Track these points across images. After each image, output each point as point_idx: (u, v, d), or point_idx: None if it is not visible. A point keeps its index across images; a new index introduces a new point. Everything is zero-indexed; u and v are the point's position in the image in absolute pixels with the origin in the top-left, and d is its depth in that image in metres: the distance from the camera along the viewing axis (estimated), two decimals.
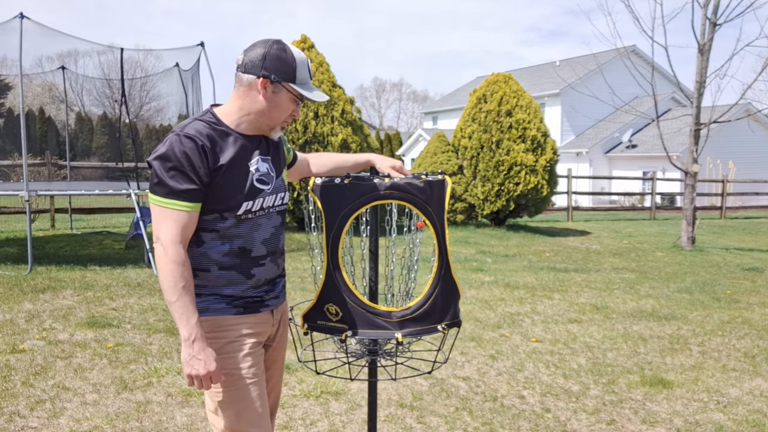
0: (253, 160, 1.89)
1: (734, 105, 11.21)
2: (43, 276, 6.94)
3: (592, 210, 19.76)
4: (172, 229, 1.76)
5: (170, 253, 1.75)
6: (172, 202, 1.76)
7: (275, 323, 2.01)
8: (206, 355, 1.77)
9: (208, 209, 1.81)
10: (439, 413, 3.55)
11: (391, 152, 33.60)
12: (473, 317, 5.67)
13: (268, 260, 1.93)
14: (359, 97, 66.96)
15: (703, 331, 5.41)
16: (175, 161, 1.74)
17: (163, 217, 1.76)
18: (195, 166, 1.75)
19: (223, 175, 1.80)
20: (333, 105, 11.13)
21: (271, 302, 1.97)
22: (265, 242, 1.91)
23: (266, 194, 1.90)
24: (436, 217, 2.02)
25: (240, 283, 1.88)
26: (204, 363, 1.76)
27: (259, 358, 1.92)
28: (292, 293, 6.41)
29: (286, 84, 1.83)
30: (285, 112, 1.88)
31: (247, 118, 1.87)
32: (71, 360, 4.24)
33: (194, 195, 1.77)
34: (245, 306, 1.90)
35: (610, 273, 8.29)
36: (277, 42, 1.85)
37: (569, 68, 27.54)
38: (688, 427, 3.45)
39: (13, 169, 15.76)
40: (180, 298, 1.75)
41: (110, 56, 31.52)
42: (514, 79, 13.01)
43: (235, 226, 1.85)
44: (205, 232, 1.83)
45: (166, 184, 1.75)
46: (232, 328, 1.87)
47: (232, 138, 1.86)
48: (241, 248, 1.86)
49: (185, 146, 1.75)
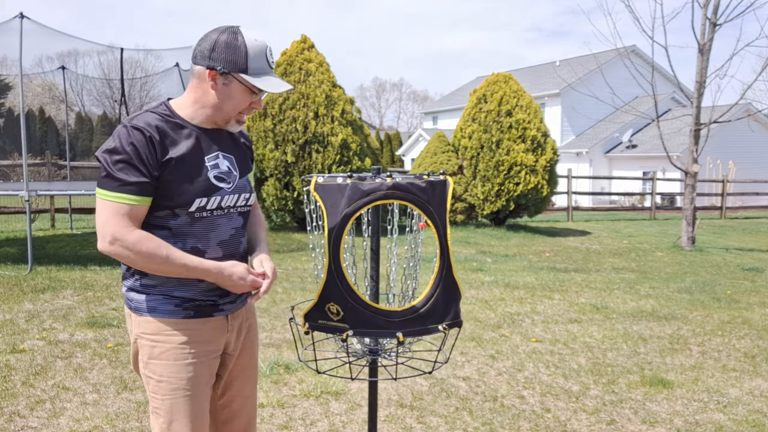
0: (211, 155, 1.80)
1: (734, 105, 11.21)
2: (43, 276, 6.94)
3: (592, 210, 19.76)
4: (121, 222, 1.67)
5: (129, 240, 1.66)
6: (120, 196, 1.67)
7: (230, 329, 1.89)
8: (238, 274, 1.76)
9: (159, 205, 1.72)
10: (439, 413, 3.55)
11: (391, 152, 33.60)
12: (473, 317, 5.67)
13: None
14: (359, 97, 67.00)
15: (703, 331, 5.41)
16: (123, 153, 1.66)
17: (111, 211, 1.67)
18: (143, 159, 1.67)
19: (173, 169, 1.71)
20: (333, 105, 11.12)
21: (226, 307, 1.86)
22: (222, 244, 1.81)
23: (225, 193, 1.80)
24: (437, 217, 2.02)
25: (191, 285, 1.77)
26: (241, 281, 1.77)
27: (204, 369, 1.81)
28: (292, 293, 6.42)
29: (236, 75, 1.72)
30: (240, 105, 1.77)
31: (201, 111, 1.78)
32: (71, 360, 4.24)
33: (143, 188, 1.68)
34: (196, 309, 1.79)
35: (610, 273, 8.29)
36: (229, 29, 1.74)
37: (569, 68, 27.54)
38: (688, 427, 3.45)
39: (13, 169, 15.77)
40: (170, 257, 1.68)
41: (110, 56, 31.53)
42: (514, 79, 13.01)
43: (188, 225, 1.75)
44: (157, 229, 1.74)
45: (115, 177, 1.66)
46: (179, 333, 1.77)
47: (187, 131, 1.77)
48: (193, 248, 1.76)
49: (133, 138, 1.67)
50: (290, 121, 10.91)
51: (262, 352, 4.49)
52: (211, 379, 1.86)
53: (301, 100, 10.99)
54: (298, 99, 11.00)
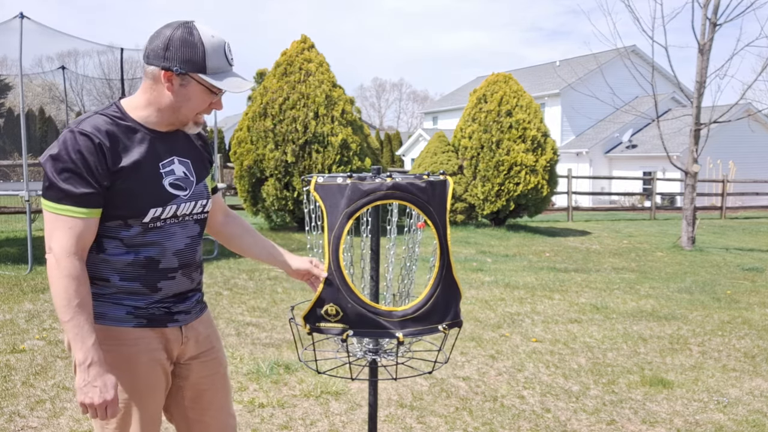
0: (166, 161, 1.68)
1: (734, 105, 11.21)
2: (43, 276, 6.94)
3: (592, 210, 19.76)
4: (65, 239, 1.55)
5: (63, 266, 1.54)
6: (65, 209, 1.54)
7: (185, 341, 1.79)
8: (103, 382, 1.57)
9: (110, 215, 1.60)
10: (439, 413, 3.55)
11: (391, 152, 33.60)
12: (473, 317, 5.67)
13: (179, 273, 1.72)
14: (359, 97, 66.98)
15: (703, 331, 5.41)
16: (68, 162, 1.53)
17: (56, 224, 1.55)
18: (91, 168, 1.54)
19: (126, 178, 1.59)
20: (333, 105, 11.12)
21: (180, 317, 1.76)
22: (178, 253, 1.70)
23: (181, 201, 1.69)
24: (437, 217, 2.02)
25: (144, 296, 1.67)
26: (99, 391, 1.56)
27: (156, 378, 1.73)
28: (292, 293, 6.42)
29: (194, 75, 1.60)
30: (199, 106, 1.66)
31: (156, 113, 1.66)
32: (71, 360, 4.24)
33: (91, 200, 1.56)
34: (149, 318, 1.69)
35: (610, 273, 8.29)
36: (183, 25, 1.61)
37: (569, 68, 27.55)
38: (688, 427, 3.45)
39: (13, 169, 15.76)
40: (74, 317, 1.54)
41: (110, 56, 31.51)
42: (514, 79, 13.01)
43: (141, 235, 1.64)
44: (107, 239, 1.63)
45: (59, 187, 1.53)
46: (129, 343, 1.67)
47: (140, 135, 1.64)
48: (148, 258, 1.65)
49: (80, 145, 1.54)
50: (290, 121, 10.91)
51: (262, 352, 4.49)
52: (165, 388, 1.79)
53: (301, 100, 10.99)
54: (298, 99, 10.99)
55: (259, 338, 4.84)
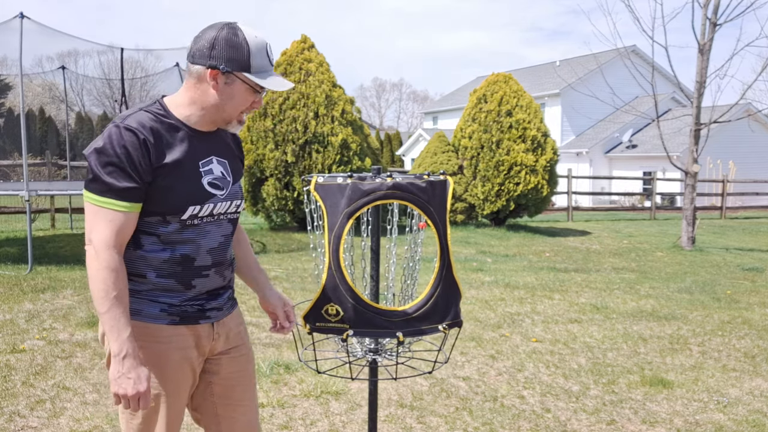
0: (205, 160, 1.72)
1: (734, 105, 11.21)
2: (44, 276, 6.94)
3: (592, 210, 19.76)
4: (106, 231, 1.58)
5: (102, 258, 1.58)
6: (108, 201, 1.58)
7: (216, 338, 1.82)
8: (137, 374, 1.59)
9: (149, 211, 1.64)
10: (439, 413, 3.55)
11: (391, 152, 33.60)
12: (473, 317, 5.67)
13: (213, 271, 1.76)
14: (359, 97, 66.99)
15: (703, 331, 5.41)
16: (113, 156, 1.56)
17: (98, 217, 1.59)
18: (135, 163, 1.58)
19: (167, 175, 1.63)
20: (333, 105, 11.13)
21: (212, 314, 1.79)
22: (212, 251, 1.74)
23: (219, 200, 1.73)
24: (437, 217, 2.02)
25: (178, 293, 1.71)
26: (133, 382, 1.59)
27: (186, 376, 1.76)
28: (292, 293, 6.42)
29: (239, 74, 1.64)
30: (242, 105, 1.69)
31: (199, 112, 1.69)
32: (71, 360, 4.24)
33: (133, 194, 1.59)
34: (182, 316, 1.72)
35: (610, 273, 8.29)
36: (228, 25, 1.64)
37: (569, 68, 27.55)
38: (688, 427, 3.45)
39: (14, 168, 15.77)
40: (111, 309, 1.58)
41: (110, 56, 31.52)
42: (514, 79, 13.01)
43: (178, 232, 1.67)
44: (145, 236, 1.66)
45: (103, 180, 1.57)
46: (162, 340, 1.70)
47: (182, 133, 1.68)
48: (183, 256, 1.69)
49: (125, 140, 1.57)
50: (290, 121, 10.91)
51: (262, 352, 4.49)
52: (192, 385, 1.82)
53: (301, 100, 10.99)
54: (298, 99, 11.00)
55: (259, 338, 4.84)
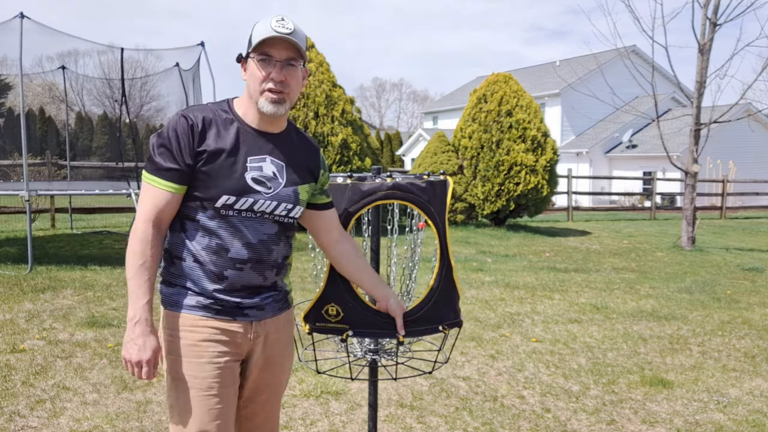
0: (257, 156, 1.77)
1: (734, 105, 11.21)
2: (43, 276, 6.94)
3: (592, 210, 19.76)
4: (146, 206, 1.71)
5: (139, 228, 1.69)
6: (153, 179, 1.71)
7: (255, 338, 1.82)
8: (144, 342, 1.66)
9: (192, 196, 1.74)
10: (439, 413, 3.55)
11: (391, 152, 33.59)
12: (473, 317, 5.67)
13: (248, 266, 1.76)
14: (359, 97, 66.94)
15: (703, 331, 5.41)
16: (165, 138, 1.71)
17: (145, 193, 1.72)
18: (180, 145, 1.70)
19: (206, 161, 1.72)
20: (333, 105, 11.13)
21: (251, 312, 1.79)
22: (250, 247, 1.75)
23: (260, 197, 1.75)
24: (437, 217, 2.02)
25: (210, 281, 1.74)
26: (138, 349, 1.66)
27: (223, 371, 1.75)
28: (292, 293, 6.41)
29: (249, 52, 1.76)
30: (258, 78, 1.75)
31: (249, 105, 1.79)
32: (71, 360, 4.24)
33: (174, 175, 1.70)
34: (218, 309, 1.75)
35: (610, 273, 8.29)
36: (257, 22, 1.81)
37: (569, 68, 27.54)
38: (688, 427, 3.45)
39: (14, 168, 15.75)
40: (135, 276, 1.67)
41: (110, 56, 31.51)
42: (514, 79, 13.01)
43: (213, 220, 1.73)
44: (188, 221, 1.75)
45: (154, 160, 1.72)
46: (198, 330, 1.74)
47: (236, 127, 1.77)
48: (219, 245, 1.74)
49: (177, 125, 1.72)
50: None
51: None
52: (233, 383, 1.79)
53: (301, 100, 10.99)
54: (298, 99, 11.00)
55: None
